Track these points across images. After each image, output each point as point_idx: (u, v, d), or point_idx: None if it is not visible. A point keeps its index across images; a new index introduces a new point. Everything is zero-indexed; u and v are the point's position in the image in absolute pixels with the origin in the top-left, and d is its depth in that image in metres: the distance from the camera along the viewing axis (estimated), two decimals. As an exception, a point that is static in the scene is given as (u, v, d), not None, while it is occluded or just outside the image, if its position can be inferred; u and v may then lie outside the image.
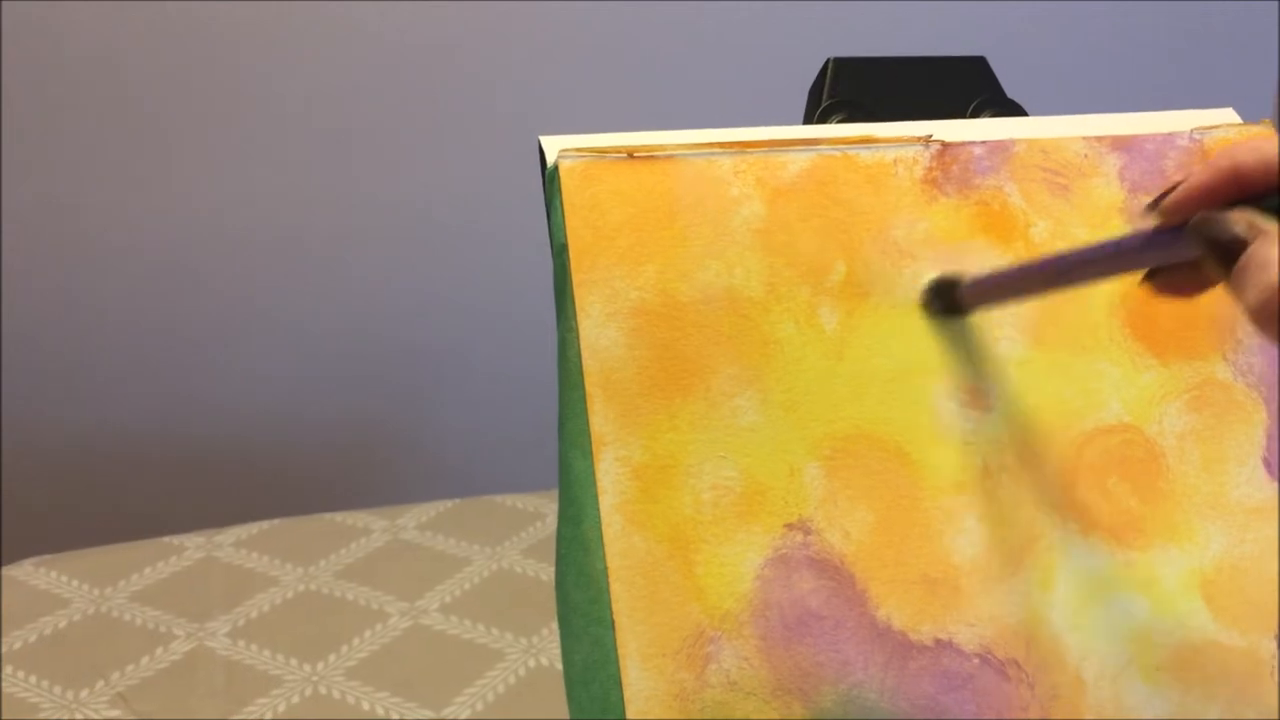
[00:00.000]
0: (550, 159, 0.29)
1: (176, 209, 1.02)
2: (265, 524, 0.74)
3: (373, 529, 0.74)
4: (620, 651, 0.27)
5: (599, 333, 0.29)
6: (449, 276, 1.07)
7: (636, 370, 0.29)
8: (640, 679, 0.27)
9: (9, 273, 1.01)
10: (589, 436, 0.28)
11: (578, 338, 0.29)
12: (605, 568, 0.28)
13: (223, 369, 1.06)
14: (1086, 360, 0.31)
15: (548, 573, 0.71)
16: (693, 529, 0.28)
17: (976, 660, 0.29)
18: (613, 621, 0.28)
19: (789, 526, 0.29)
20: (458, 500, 0.78)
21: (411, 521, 0.75)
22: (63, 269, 1.02)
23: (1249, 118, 0.33)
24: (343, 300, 1.06)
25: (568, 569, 0.28)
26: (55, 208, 1.00)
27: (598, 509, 0.28)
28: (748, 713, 0.28)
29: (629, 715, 0.27)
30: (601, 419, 0.28)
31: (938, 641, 0.29)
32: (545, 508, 0.80)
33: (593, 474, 0.28)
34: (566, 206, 0.29)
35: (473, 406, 1.10)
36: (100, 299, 1.02)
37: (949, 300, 0.30)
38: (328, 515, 0.76)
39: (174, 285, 1.03)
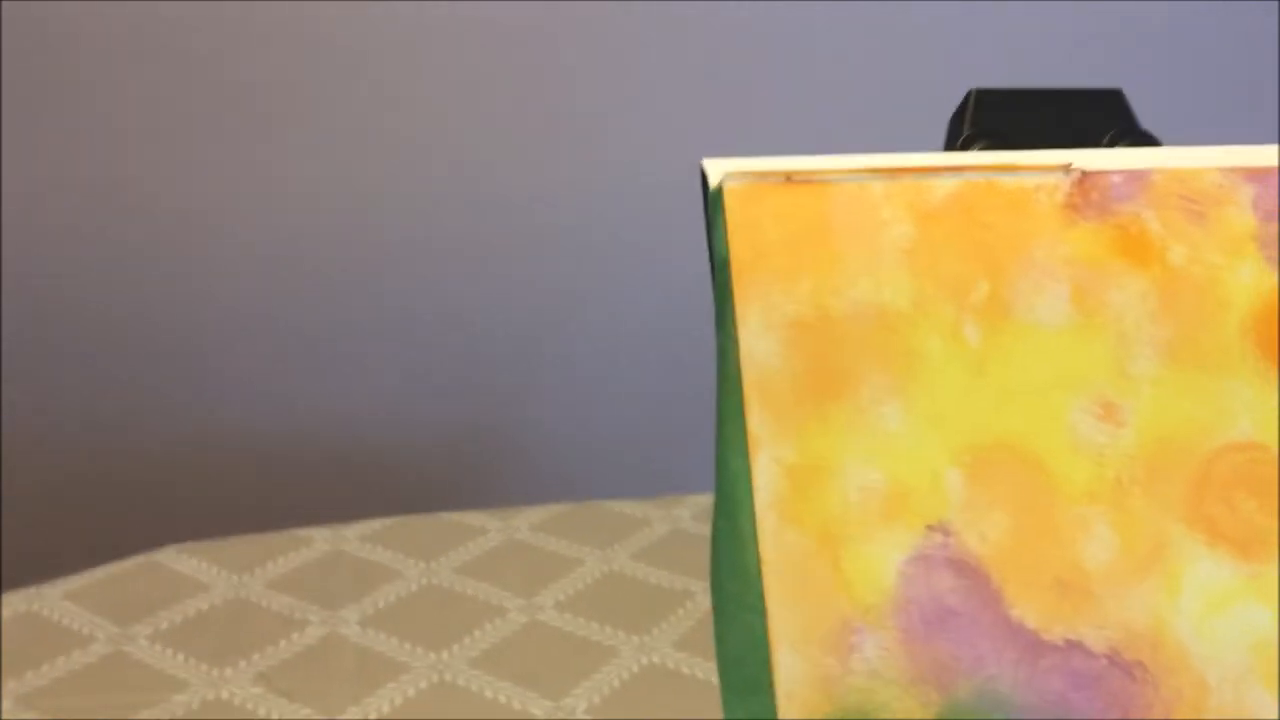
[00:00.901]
0: (713, 181, 0.32)
1: (289, 207, 1.06)
2: (388, 520, 0.77)
3: (488, 529, 0.77)
4: (771, 637, 0.30)
5: (756, 343, 0.31)
6: (563, 283, 1.10)
7: (791, 378, 0.31)
8: (789, 663, 0.30)
9: (130, 274, 1.06)
10: (745, 438, 0.31)
11: (737, 346, 0.31)
12: (758, 559, 0.30)
13: (341, 376, 1.10)
14: (1218, 379, 0.32)
15: (657, 576, 0.73)
16: (840, 527, 0.31)
17: (1105, 661, 0.31)
18: (764, 609, 0.30)
19: (930, 528, 0.31)
20: (569, 504, 0.80)
21: (524, 523, 0.78)
22: (193, 268, 1.07)
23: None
24: (463, 307, 1.10)
25: (722, 560, 0.30)
26: (188, 196, 1.05)
27: (752, 505, 0.30)
28: (888, 699, 0.30)
29: (778, 695, 0.29)
30: (758, 422, 0.31)
31: (1068, 641, 0.31)
32: (652, 514, 0.82)
33: (748, 473, 0.30)
34: (730, 225, 0.31)
35: (580, 415, 1.13)
36: (229, 301, 1.07)
37: None
38: (445, 514, 0.79)
39: (300, 289, 1.07)
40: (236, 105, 1.00)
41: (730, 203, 0.31)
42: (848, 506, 0.31)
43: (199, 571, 0.70)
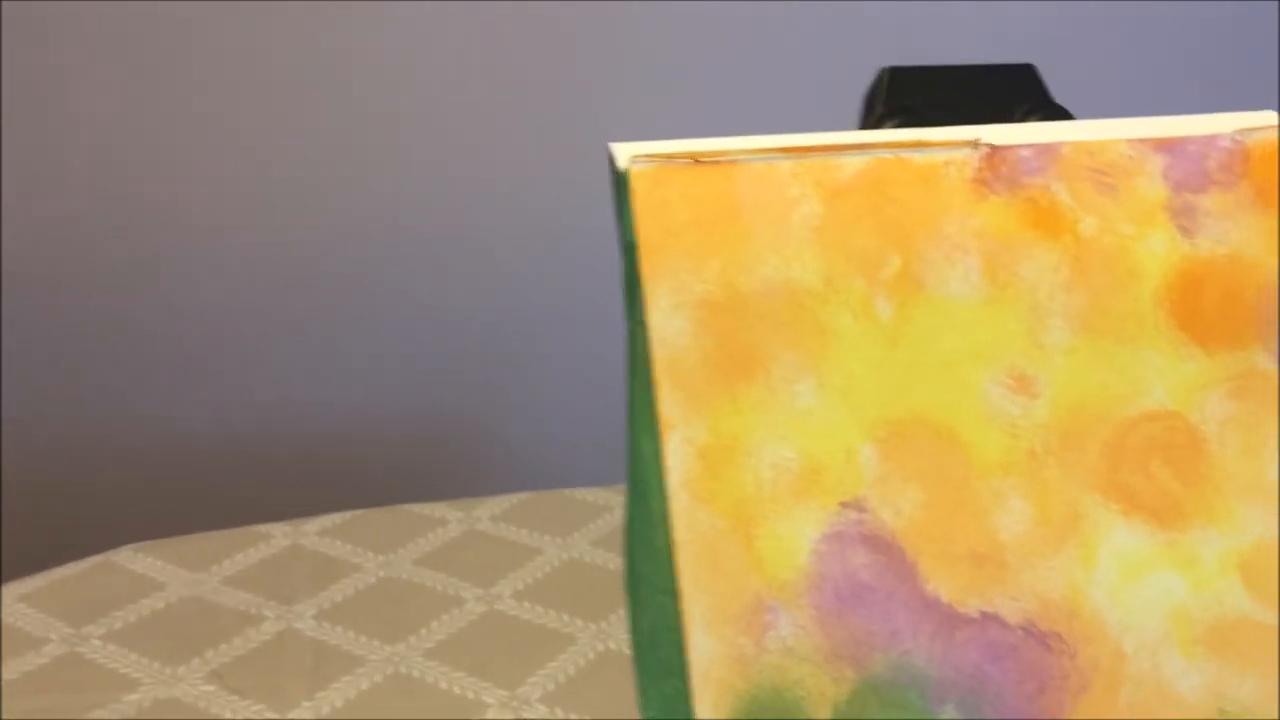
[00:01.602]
0: (620, 164, 0.32)
1: (254, 200, 1.06)
2: (347, 514, 0.77)
3: (449, 520, 0.77)
4: (684, 618, 0.30)
5: (666, 323, 0.31)
6: (525, 275, 1.10)
7: (701, 358, 0.31)
8: (703, 643, 0.30)
9: (100, 281, 1.06)
10: (656, 420, 0.30)
11: (646, 329, 0.31)
12: (670, 540, 0.30)
13: (300, 371, 1.10)
14: (1131, 349, 0.33)
15: (615, 562, 0.73)
16: (753, 505, 0.31)
17: (1020, 632, 0.31)
18: (677, 590, 0.30)
19: (844, 504, 0.31)
20: (530, 493, 0.80)
21: (485, 513, 0.78)
22: (166, 265, 1.06)
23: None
24: (422, 301, 1.10)
25: (635, 542, 0.30)
26: (166, 195, 1.04)
27: (663, 487, 0.30)
28: (802, 676, 0.30)
29: (692, 675, 0.29)
30: (669, 403, 0.31)
31: (984, 614, 0.31)
32: (614, 501, 0.82)
33: (659, 454, 0.30)
34: (637, 208, 0.31)
35: (543, 404, 1.13)
36: (186, 294, 1.07)
37: None
38: (405, 506, 0.79)
39: (254, 285, 1.07)
40: (214, 103, 0.99)
41: (637, 185, 0.31)
42: (760, 485, 0.31)
43: (155, 570, 0.70)
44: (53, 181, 1.00)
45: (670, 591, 0.30)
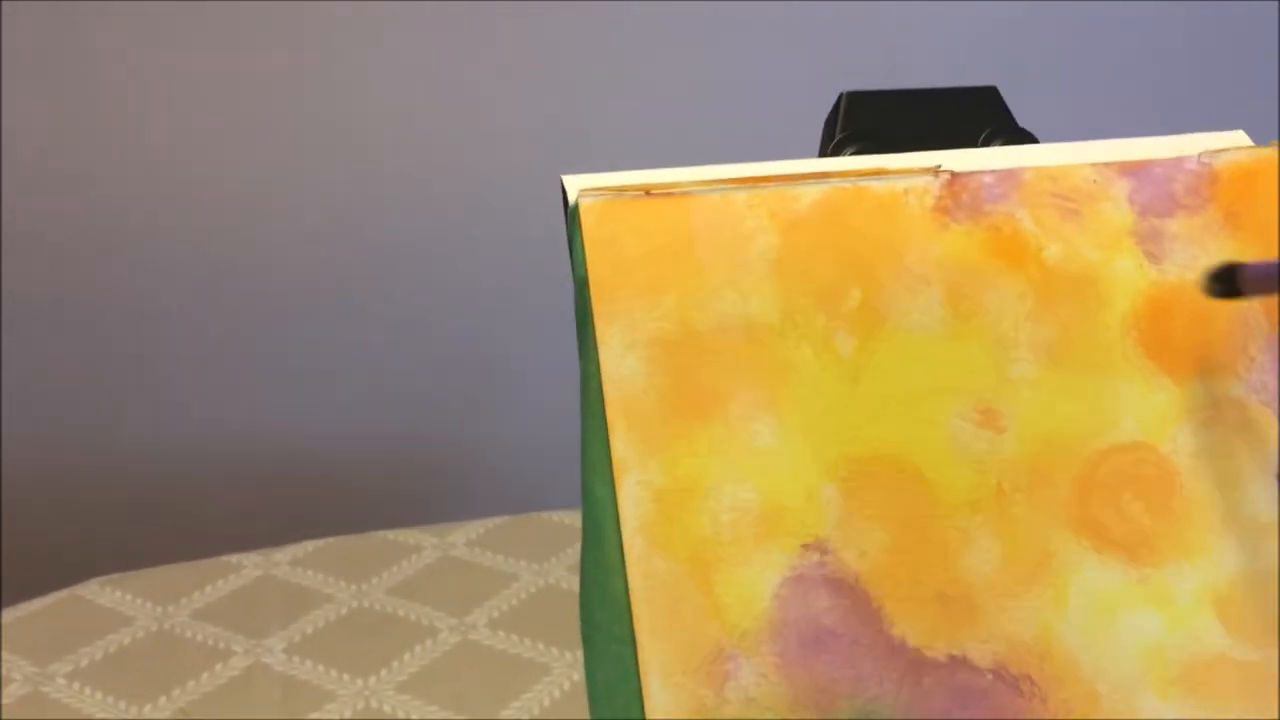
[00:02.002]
0: (571, 197, 0.31)
1: (229, 214, 1.05)
2: (320, 542, 0.76)
3: (424, 546, 0.76)
4: (642, 668, 0.29)
5: (618, 363, 0.30)
6: (501, 297, 1.09)
7: (656, 398, 0.30)
8: (661, 694, 0.29)
9: (67, 278, 1.04)
10: (610, 463, 0.29)
11: (598, 368, 0.30)
12: (627, 588, 0.29)
13: (275, 396, 1.09)
14: (1100, 380, 0.32)
15: (594, 588, 0.72)
16: (712, 550, 0.30)
17: (990, 676, 0.30)
18: (634, 640, 0.29)
19: (806, 546, 0.30)
20: (506, 517, 0.79)
21: (461, 538, 0.77)
22: (126, 282, 1.05)
23: (1260, 138, 0.34)
24: (392, 322, 1.08)
25: (591, 590, 0.29)
26: (119, 210, 1.03)
27: (619, 532, 0.29)
28: (766, 727, 0.29)
29: (650, 730, 0.28)
30: (623, 445, 0.30)
31: (952, 658, 0.30)
32: (593, 524, 0.80)
33: (613, 499, 0.29)
34: (587, 243, 0.30)
35: (520, 425, 1.12)
36: (146, 318, 1.05)
37: (1230, 284, 0.31)
38: (379, 533, 0.78)
39: (223, 306, 1.06)
40: (205, 104, 0.98)
41: (587, 219, 0.30)
42: (719, 528, 0.30)
43: (122, 604, 0.68)
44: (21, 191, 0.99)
45: (627, 641, 0.29)
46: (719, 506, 0.30)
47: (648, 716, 0.29)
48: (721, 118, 1.02)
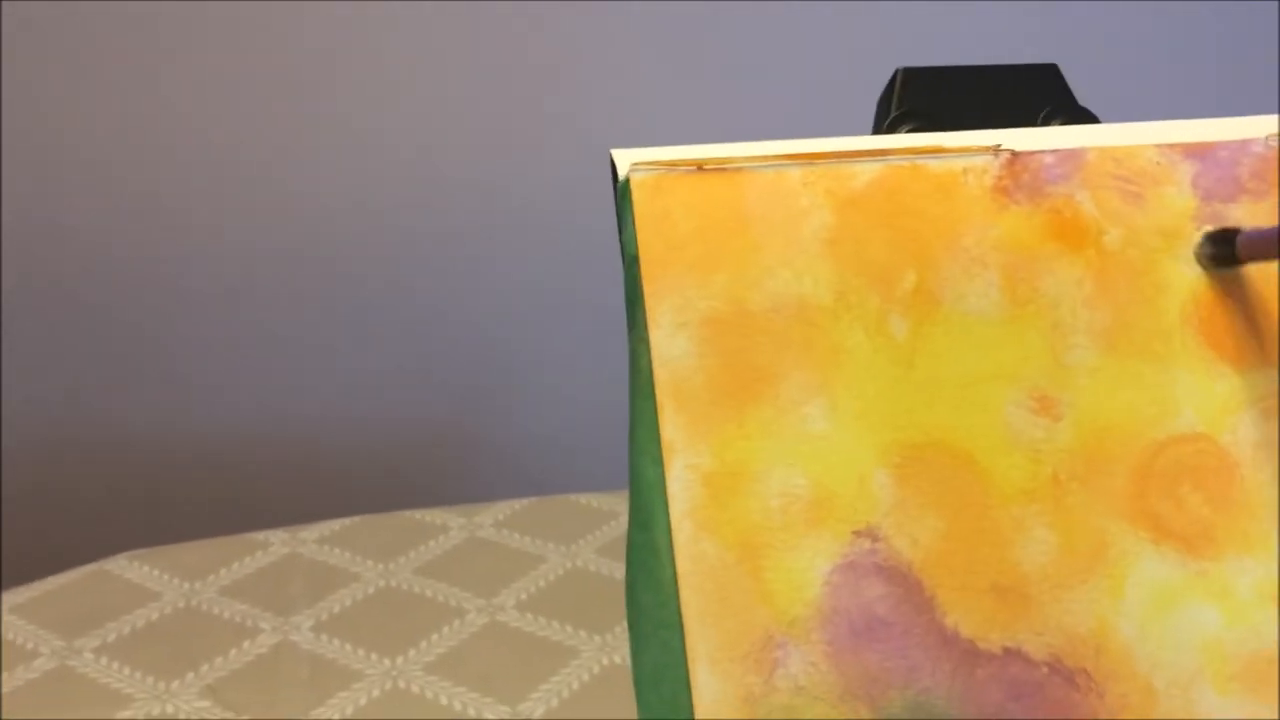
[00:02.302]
0: (622, 172, 0.30)
1: (246, 199, 1.04)
2: (347, 520, 0.76)
3: (450, 526, 0.75)
4: (689, 655, 0.28)
5: (669, 342, 0.29)
6: (527, 277, 1.08)
7: (706, 379, 0.29)
8: (709, 682, 0.28)
9: (90, 271, 1.04)
10: (659, 444, 0.29)
11: (649, 347, 0.29)
12: (675, 573, 0.28)
13: (302, 373, 1.09)
14: (1159, 368, 0.31)
15: (621, 570, 0.72)
16: (761, 536, 0.29)
17: (1045, 669, 0.29)
18: (682, 625, 0.28)
19: (857, 533, 0.29)
20: (534, 499, 0.79)
21: (489, 519, 0.77)
22: (163, 262, 1.05)
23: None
24: (420, 303, 1.08)
25: (638, 574, 0.29)
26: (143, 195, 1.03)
27: (668, 515, 0.29)
28: (815, 716, 0.28)
29: (697, 716, 0.28)
30: (672, 427, 0.29)
31: (1006, 650, 0.29)
32: (619, 506, 0.81)
33: (663, 481, 0.29)
34: (638, 218, 0.30)
35: (548, 407, 1.12)
36: (182, 296, 1.05)
37: (1224, 251, 0.30)
38: (407, 513, 0.77)
39: (256, 287, 1.06)
40: (208, 96, 0.98)
41: (638, 195, 0.30)
42: (769, 514, 0.29)
43: (150, 580, 0.68)
44: (39, 182, 0.99)
45: (674, 627, 0.28)
46: (769, 491, 0.29)
47: (695, 704, 0.28)
48: (773, 95, 1.01)
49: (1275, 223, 0.32)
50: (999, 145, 0.31)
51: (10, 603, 0.65)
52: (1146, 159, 0.32)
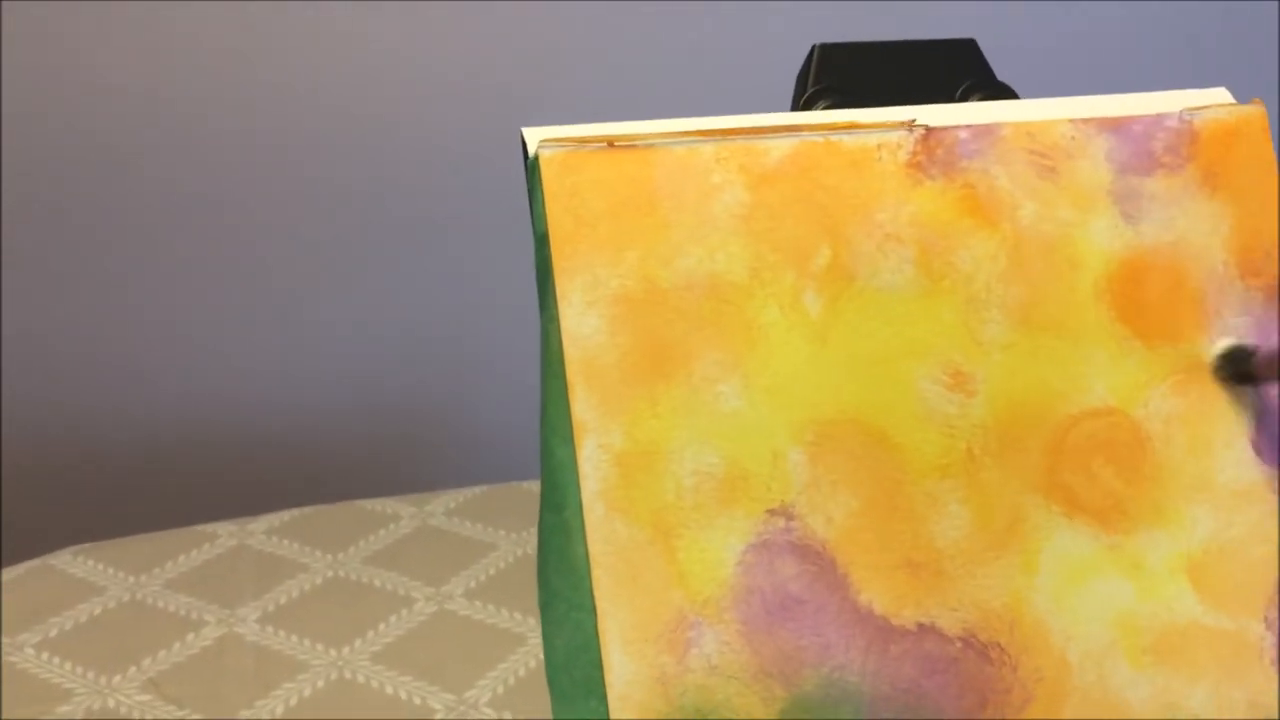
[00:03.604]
0: (531, 149, 0.30)
1: (197, 203, 1.04)
2: (296, 511, 0.75)
3: (401, 515, 0.75)
4: (602, 636, 0.28)
5: (580, 320, 0.29)
6: (474, 265, 1.08)
7: (618, 357, 0.29)
8: (622, 663, 0.28)
9: (30, 270, 1.03)
10: (570, 424, 0.29)
11: (559, 326, 0.29)
12: (587, 553, 0.28)
13: (249, 361, 1.08)
14: (1072, 344, 0.31)
15: (572, 558, 0.71)
16: (674, 515, 0.29)
17: (959, 644, 0.29)
18: (594, 607, 0.28)
19: (771, 512, 0.29)
20: (485, 487, 0.79)
21: (440, 508, 0.76)
22: (91, 262, 1.04)
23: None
24: (369, 290, 1.07)
25: (549, 555, 0.28)
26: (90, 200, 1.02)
27: (579, 496, 0.28)
28: (729, 695, 0.28)
29: (610, 698, 0.28)
30: (583, 406, 0.29)
31: (920, 625, 0.29)
32: (573, 494, 0.80)
33: (574, 461, 0.29)
34: (547, 196, 0.29)
35: (499, 396, 1.11)
36: (124, 292, 1.04)
37: (1243, 369, 0.30)
38: (358, 502, 0.77)
39: (199, 277, 1.05)
40: (182, 81, 0.97)
41: (548, 172, 0.29)
42: (682, 493, 0.29)
43: (94, 574, 0.68)
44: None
45: (587, 608, 0.28)
46: (682, 470, 0.29)
47: (608, 685, 0.28)
48: (691, 71, 1.01)
49: (1190, 197, 0.32)
50: (914, 121, 0.31)
51: (-49, 599, 0.65)
52: (1061, 133, 0.32)
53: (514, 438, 1.10)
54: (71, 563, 0.69)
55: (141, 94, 0.98)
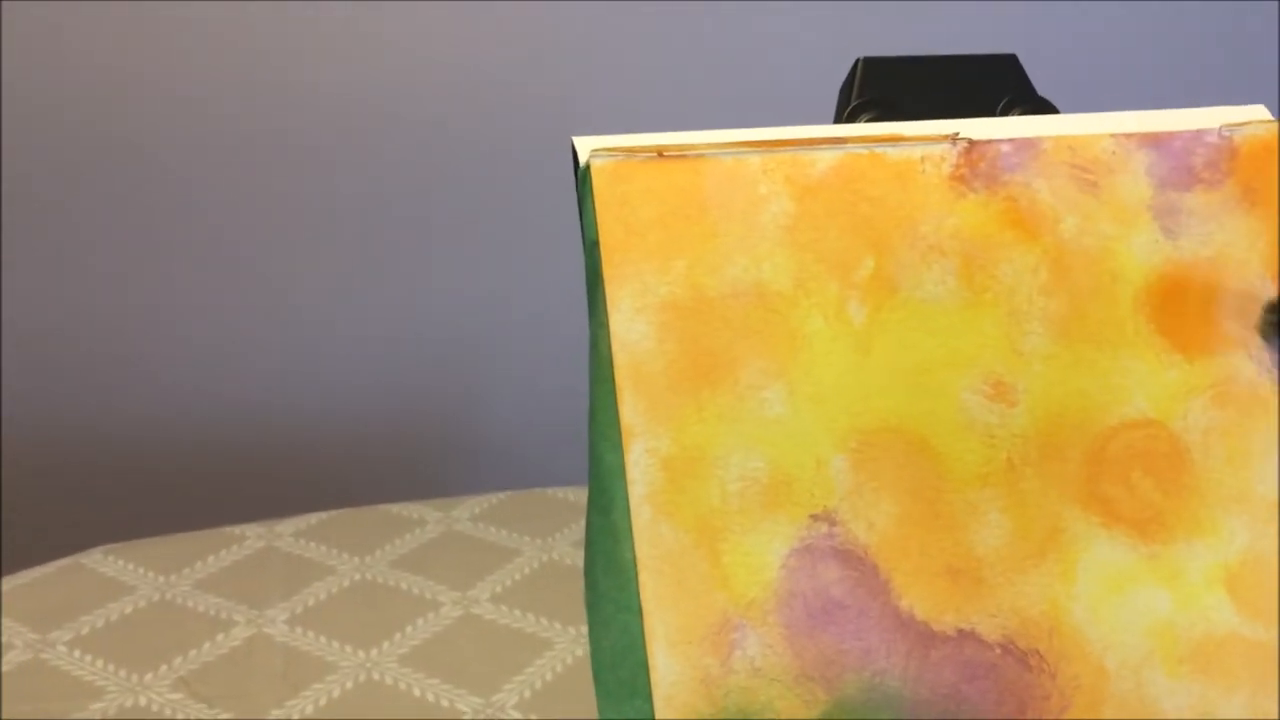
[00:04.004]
0: (582, 158, 0.30)
1: (227, 207, 1.04)
2: (324, 514, 0.76)
3: (427, 520, 0.76)
4: (648, 637, 0.28)
5: (629, 327, 0.30)
6: (503, 274, 1.08)
7: (665, 364, 0.30)
8: (667, 664, 0.28)
9: (67, 250, 1.04)
10: (618, 429, 0.29)
11: (608, 332, 0.30)
12: (634, 556, 0.29)
13: (277, 366, 1.09)
14: (1111, 355, 0.31)
15: (597, 565, 0.72)
16: (720, 519, 0.29)
17: (999, 650, 0.30)
18: (640, 608, 0.29)
19: (814, 517, 0.30)
20: (510, 493, 0.79)
21: (465, 513, 0.77)
22: (123, 265, 1.05)
23: (1282, 113, 0.33)
24: (398, 296, 1.08)
25: (597, 557, 0.29)
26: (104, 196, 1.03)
27: (627, 499, 0.29)
28: (771, 698, 0.29)
29: (655, 698, 0.28)
30: (631, 411, 0.29)
31: (960, 632, 0.30)
32: (596, 501, 0.80)
33: (622, 465, 0.29)
34: (598, 204, 0.30)
35: (524, 402, 1.12)
36: (161, 291, 1.05)
37: None
38: (384, 507, 0.78)
39: (229, 281, 1.05)
40: (201, 77, 0.98)
41: (598, 181, 0.30)
42: (727, 498, 0.29)
43: (124, 573, 0.68)
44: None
45: (633, 609, 0.29)
46: (727, 475, 0.29)
47: (654, 685, 0.28)
48: (736, 83, 1.01)
49: (1229, 212, 0.33)
50: (956, 134, 0.32)
51: (-16, 596, 0.65)
52: (1102, 148, 0.32)
53: (537, 446, 1.11)
54: (102, 562, 0.69)
55: (159, 88, 0.99)
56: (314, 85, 1.01)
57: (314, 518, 0.75)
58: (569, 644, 0.63)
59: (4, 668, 0.60)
